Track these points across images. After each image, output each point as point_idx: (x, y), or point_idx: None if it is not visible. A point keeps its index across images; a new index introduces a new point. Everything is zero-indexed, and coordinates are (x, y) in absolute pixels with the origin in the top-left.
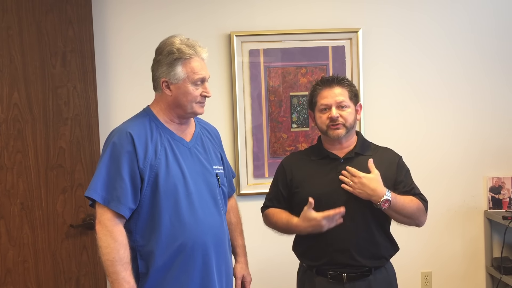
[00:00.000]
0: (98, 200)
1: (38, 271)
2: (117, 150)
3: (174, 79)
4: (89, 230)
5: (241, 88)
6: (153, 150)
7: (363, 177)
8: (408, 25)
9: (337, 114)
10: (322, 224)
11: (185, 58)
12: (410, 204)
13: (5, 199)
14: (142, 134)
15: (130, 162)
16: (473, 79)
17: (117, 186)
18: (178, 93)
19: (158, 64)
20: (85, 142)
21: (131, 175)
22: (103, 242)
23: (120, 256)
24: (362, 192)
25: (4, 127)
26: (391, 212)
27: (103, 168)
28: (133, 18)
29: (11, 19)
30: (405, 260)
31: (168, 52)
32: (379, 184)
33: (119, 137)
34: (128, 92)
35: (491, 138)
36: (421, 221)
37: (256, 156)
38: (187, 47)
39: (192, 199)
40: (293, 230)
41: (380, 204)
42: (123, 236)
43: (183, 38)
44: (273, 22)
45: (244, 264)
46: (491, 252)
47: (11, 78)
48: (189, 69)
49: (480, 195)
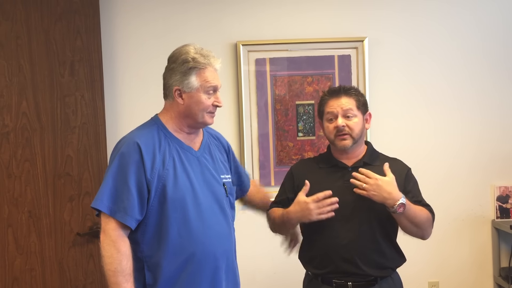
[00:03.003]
0: (104, 211)
1: (45, 280)
2: (124, 161)
3: (187, 87)
4: (95, 239)
5: (247, 97)
6: (161, 161)
7: (379, 179)
8: (414, 33)
9: (343, 124)
10: (310, 208)
11: (200, 68)
12: (421, 213)
13: (13, 207)
14: (149, 144)
15: (138, 172)
16: (481, 87)
17: (124, 197)
18: (191, 102)
19: (172, 72)
20: (92, 150)
21: (138, 186)
22: (106, 252)
23: (123, 267)
24: (377, 194)
25: (12, 136)
26: (403, 219)
27: (110, 178)
28: (140, 28)
29: (20, 28)
30: (412, 270)
31: (183, 60)
32: (394, 188)
33: (127, 147)
34: (135, 101)
35: (498, 147)
36: (428, 232)
37: (262, 164)
38: (202, 56)
39: (201, 209)
40: (286, 218)
41: (395, 207)
42: (127, 247)
43: (197, 48)
44: (279, 31)
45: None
46: (498, 261)
47: (19, 87)
48: (202, 79)
49: (487, 204)
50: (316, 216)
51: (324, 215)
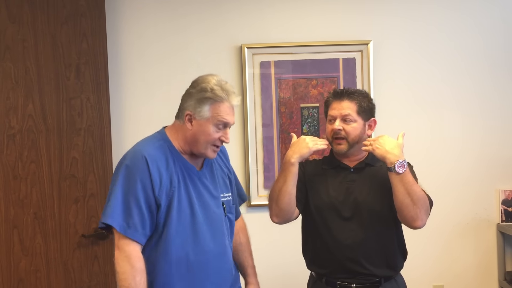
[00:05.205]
0: (116, 228)
1: (50, 281)
2: (131, 174)
3: (198, 115)
4: (100, 240)
5: (252, 100)
6: (168, 178)
7: (385, 136)
8: (419, 37)
9: (340, 127)
10: (306, 141)
11: (216, 100)
12: (419, 189)
13: (18, 208)
14: (157, 160)
15: (146, 188)
16: (483, 90)
17: (133, 214)
18: (198, 130)
19: (189, 96)
20: (97, 152)
21: (147, 202)
22: (121, 268)
23: (136, 282)
24: (380, 148)
25: (18, 138)
26: (399, 186)
27: (119, 193)
28: (146, 30)
29: (26, 31)
30: (416, 273)
31: (202, 89)
32: (398, 148)
33: (133, 160)
34: (140, 104)
35: (502, 150)
36: (421, 214)
37: (267, 167)
38: (221, 90)
39: (198, 230)
40: (285, 160)
41: (394, 166)
42: (141, 262)
43: (220, 80)
44: (284, 34)
45: (256, 285)
46: (504, 265)
47: (26, 89)
48: (215, 111)
49: (492, 207)
50: (312, 145)
51: (320, 145)
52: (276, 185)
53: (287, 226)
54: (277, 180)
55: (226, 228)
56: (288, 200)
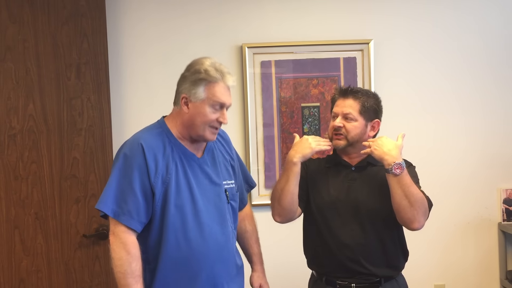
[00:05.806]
0: (108, 214)
1: (51, 281)
2: (128, 162)
3: (194, 97)
4: (101, 240)
5: (252, 99)
6: (165, 165)
7: (384, 137)
8: (420, 36)
9: (340, 124)
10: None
11: (210, 81)
12: (417, 191)
13: (19, 209)
14: (154, 147)
15: (142, 175)
16: (485, 89)
17: (128, 200)
18: (194, 112)
19: (183, 79)
20: (98, 152)
21: (143, 189)
22: (116, 254)
23: (132, 269)
24: (378, 149)
25: (19, 138)
26: (397, 187)
27: (114, 180)
28: (146, 30)
29: (27, 31)
30: (418, 273)
31: (195, 70)
32: (397, 150)
33: (131, 148)
34: (141, 104)
35: (504, 149)
36: (419, 216)
37: (268, 167)
38: (214, 70)
39: (200, 217)
40: (287, 160)
41: (392, 167)
42: (136, 249)
43: (214, 61)
44: (284, 34)
45: (261, 273)
46: (505, 264)
47: (26, 90)
48: (210, 92)
49: (493, 206)
50: (315, 145)
51: (322, 145)
52: (278, 185)
53: (289, 225)
54: (279, 179)
55: (229, 216)
56: (290, 200)
